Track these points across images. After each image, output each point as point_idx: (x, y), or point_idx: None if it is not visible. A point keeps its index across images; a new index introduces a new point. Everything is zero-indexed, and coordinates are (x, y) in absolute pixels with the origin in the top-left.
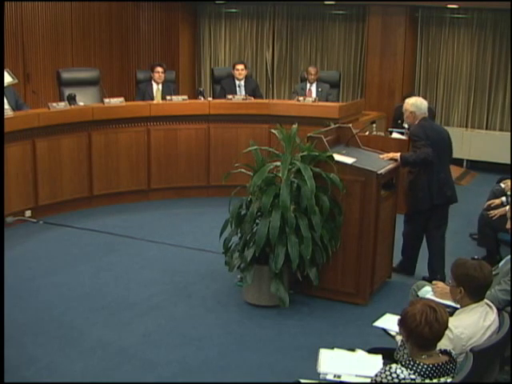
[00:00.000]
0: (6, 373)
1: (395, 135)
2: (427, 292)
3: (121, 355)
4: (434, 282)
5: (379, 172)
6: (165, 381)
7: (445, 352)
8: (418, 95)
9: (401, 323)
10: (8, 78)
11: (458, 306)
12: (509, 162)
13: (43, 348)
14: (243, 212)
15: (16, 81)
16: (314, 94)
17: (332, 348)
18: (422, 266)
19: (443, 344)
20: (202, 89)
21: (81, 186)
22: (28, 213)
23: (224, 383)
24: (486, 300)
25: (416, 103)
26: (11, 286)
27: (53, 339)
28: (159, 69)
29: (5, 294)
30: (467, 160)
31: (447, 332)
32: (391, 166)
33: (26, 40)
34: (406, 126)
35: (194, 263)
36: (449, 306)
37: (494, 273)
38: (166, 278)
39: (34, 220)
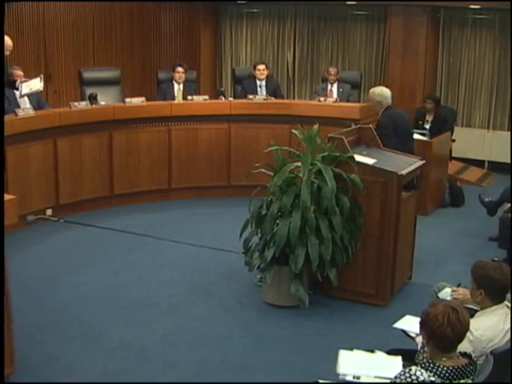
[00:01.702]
0: (25, 371)
1: (416, 136)
2: (448, 294)
3: (141, 355)
4: (453, 288)
5: (400, 173)
6: (184, 381)
7: (465, 354)
8: (440, 96)
9: (422, 324)
10: (37, 85)
11: (479, 308)
12: None
13: (63, 347)
14: (263, 212)
15: (42, 89)
16: (334, 95)
17: (351, 349)
18: (439, 269)
19: (463, 346)
20: (223, 89)
21: (101, 185)
22: (49, 211)
23: (243, 383)
24: (506, 302)
25: (382, 92)
26: (31, 284)
27: (73, 338)
28: (180, 69)
29: (25, 293)
30: (488, 161)
31: (468, 334)
32: (412, 167)
33: (47, 40)
34: (427, 126)
35: (214, 263)
36: (469, 309)
37: None
38: (186, 277)
39: (55, 219)
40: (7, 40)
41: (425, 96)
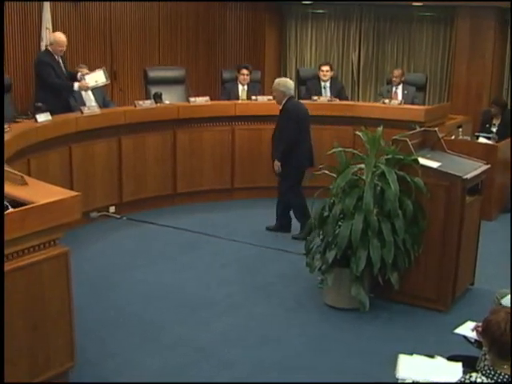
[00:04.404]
0: (84, 366)
1: (482, 140)
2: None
3: (198, 353)
4: None
5: (464, 177)
6: (240, 380)
7: None
8: (506, 100)
9: (484, 331)
10: (102, 78)
11: None
12: None
13: (122, 344)
14: (326, 214)
15: (108, 81)
16: (399, 97)
17: (411, 354)
18: None
19: None
20: None
21: (164, 184)
22: (112, 209)
23: (298, 383)
24: None
25: (286, 84)
26: (92, 280)
27: (132, 336)
28: (245, 71)
29: (85, 288)
30: None
31: None
32: (477, 171)
33: (114, 38)
34: (493, 130)
35: (275, 263)
36: None
37: None
38: (246, 277)
39: (118, 216)
40: (61, 36)
41: (491, 99)
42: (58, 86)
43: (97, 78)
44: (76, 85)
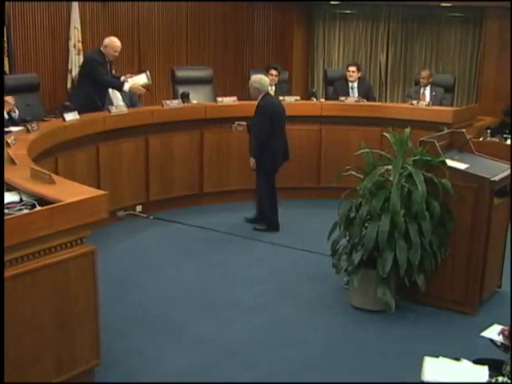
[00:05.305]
0: (110, 365)
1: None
2: None
3: (223, 352)
4: None
5: (492, 179)
6: (263, 380)
7: None
8: None
9: (510, 335)
10: (144, 80)
11: None
12: None
13: (148, 342)
14: (352, 215)
15: (150, 82)
16: (427, 98)
17: (437, 356)
18: None
19: None
20: (314, 90)
21: (191, 184)
22: (139, 208)
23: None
24: None
25: (260, 81)
26: (118, 279)
27: (157, 333)
28: (274, 72)
29: (111, 287)
30: None
31: None
32: (506, 173)
33: (141, 38)
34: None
35: (301, 264)
36: None
37: None
38: (271, 277)
39: (145, 215)
40: (116, 41)
41: (503, 109)
42: (108, 83)
43: (139, 80)
44: (127, 86)
